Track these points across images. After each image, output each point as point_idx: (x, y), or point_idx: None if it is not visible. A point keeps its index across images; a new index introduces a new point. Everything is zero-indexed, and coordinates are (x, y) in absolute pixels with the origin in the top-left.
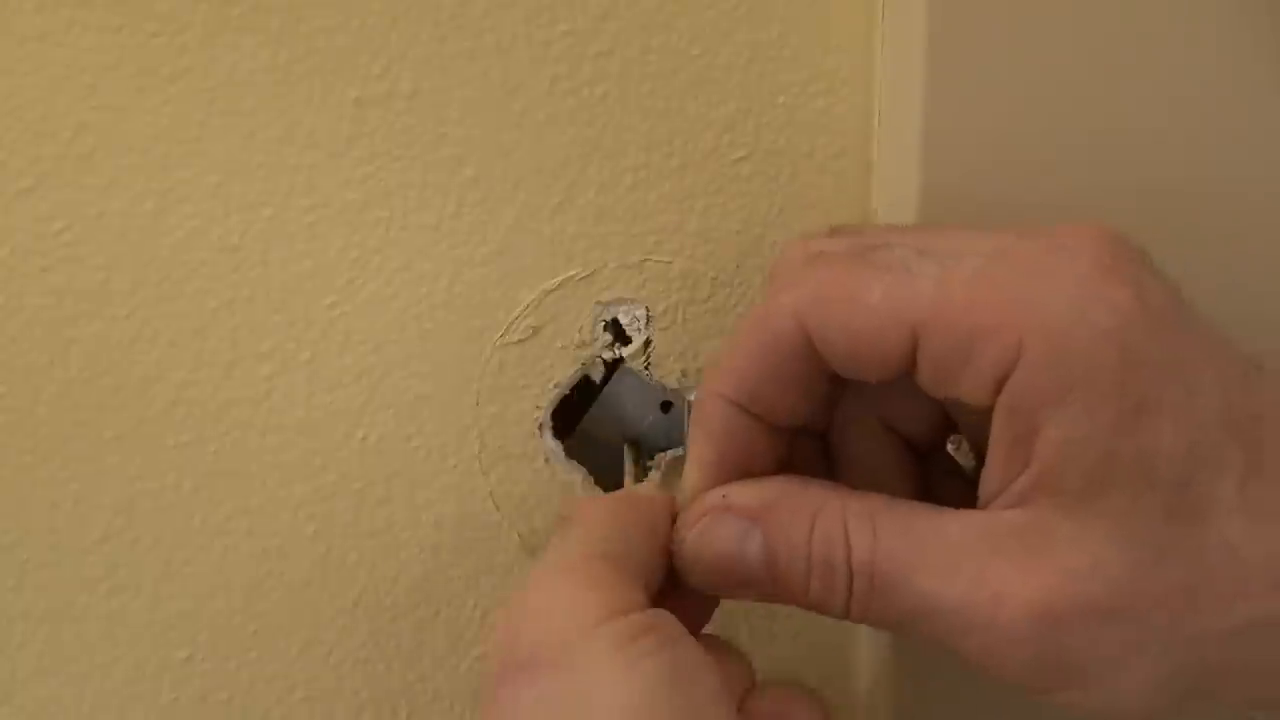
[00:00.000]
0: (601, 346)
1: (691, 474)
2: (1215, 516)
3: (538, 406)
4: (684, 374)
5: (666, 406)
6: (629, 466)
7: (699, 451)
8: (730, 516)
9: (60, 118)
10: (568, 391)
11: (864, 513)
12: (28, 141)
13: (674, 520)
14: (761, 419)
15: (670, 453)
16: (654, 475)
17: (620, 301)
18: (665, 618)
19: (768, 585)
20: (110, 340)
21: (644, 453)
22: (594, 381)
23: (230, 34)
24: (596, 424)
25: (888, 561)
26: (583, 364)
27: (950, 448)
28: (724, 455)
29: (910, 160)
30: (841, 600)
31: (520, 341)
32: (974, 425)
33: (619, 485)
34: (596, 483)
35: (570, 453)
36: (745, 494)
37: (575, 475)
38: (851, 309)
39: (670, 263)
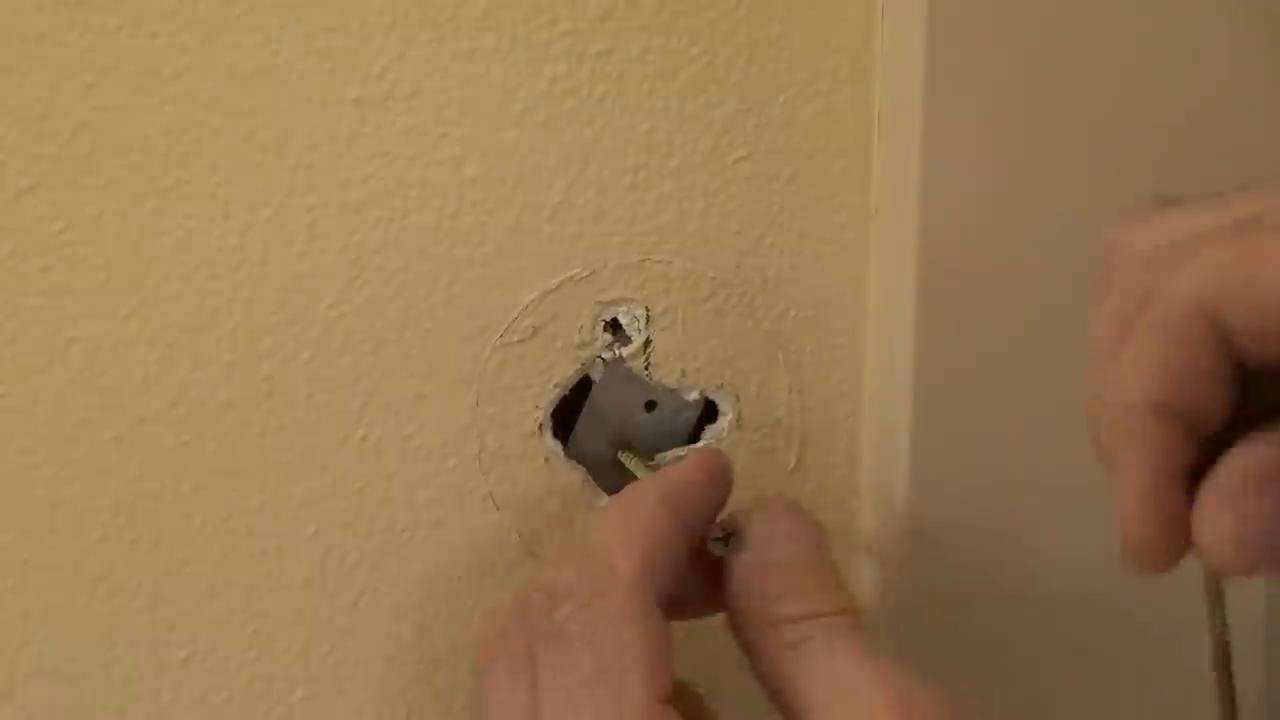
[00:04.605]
0: (601, 346)
1: (1137, 504)
2: None
3: (538, 406)
4: (684, 374)
5: (651, 406)
6: (639, 471)
7: (1139, 477)
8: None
9: (60, 118)
10: (568, 391)
11: None
12: (28, 141)
13: None
14: (1190, 428)
15: (672, 453)
16: None
17: (620, 301)
18: None
19: None
20: (110, 340)
21: (642, 454)
22: (594, 381)
23: (230, 34)
24: (586, 426)
25: None
26: (583, 364)
27: None
28: (1171, 474)
29: (910, 160)
30: None
31: (520, 341)
32: None
33: (619, 488)
34: (597, 483)
35: (570, 453)
36: None
37: (575, 475)
38: (1271, 287)
39: (670, 263)
